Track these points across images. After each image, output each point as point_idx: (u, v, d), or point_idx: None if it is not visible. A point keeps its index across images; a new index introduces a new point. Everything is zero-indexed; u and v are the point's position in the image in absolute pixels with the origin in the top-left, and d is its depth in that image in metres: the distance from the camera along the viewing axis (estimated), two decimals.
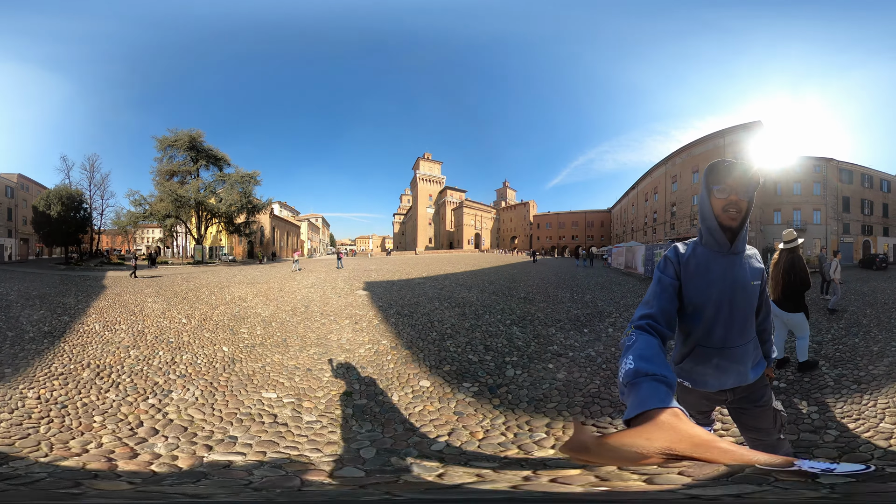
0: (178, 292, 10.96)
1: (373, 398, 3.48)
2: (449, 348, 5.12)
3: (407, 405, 3.33)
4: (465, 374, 4.14)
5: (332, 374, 4.12)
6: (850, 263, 32.17)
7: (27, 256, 41.37)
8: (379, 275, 17.85)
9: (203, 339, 5.62)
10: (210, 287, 12.47)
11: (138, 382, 3.83)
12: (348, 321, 6.85)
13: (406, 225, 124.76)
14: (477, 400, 3.43)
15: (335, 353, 4.89)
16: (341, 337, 5.76)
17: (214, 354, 4.85)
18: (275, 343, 5.44)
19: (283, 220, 63.44)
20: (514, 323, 6.76)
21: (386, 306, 8.44)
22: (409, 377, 4.04)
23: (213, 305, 8.51)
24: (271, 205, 46.67)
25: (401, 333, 5.95)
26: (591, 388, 3.65)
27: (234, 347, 5.20)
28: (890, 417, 2.94)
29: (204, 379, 3.98)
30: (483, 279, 15.75)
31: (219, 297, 9.96)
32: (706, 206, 1.44)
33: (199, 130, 36.99)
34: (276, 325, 6.61)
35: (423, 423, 2.99)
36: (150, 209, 34.64)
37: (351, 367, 4.36)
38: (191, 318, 7.07)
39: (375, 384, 3.84)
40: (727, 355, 1.44)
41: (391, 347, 5.18)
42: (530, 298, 10.05)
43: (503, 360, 4.57)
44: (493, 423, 2.97)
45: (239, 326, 6.46)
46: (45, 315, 7.34)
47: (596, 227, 79.78)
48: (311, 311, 7.87)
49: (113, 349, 4.97)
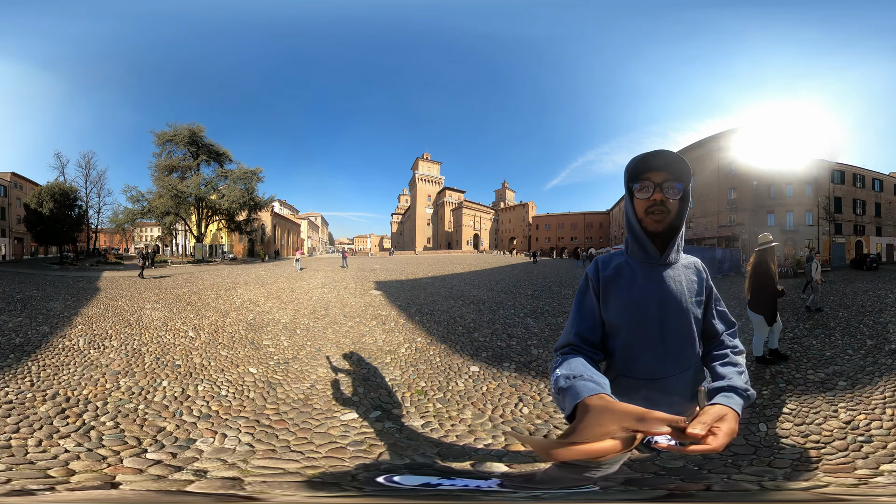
0: (180, 296, 10.18)
1: (443, 389, 3.77)
2: (479, 339, 5.73)
3: (474, 388, 3.81)
4: (501, 357, 4.84)
5: (392, 377, 4.12)
6: (842, 264, 32.84)
7: (22, 256, 40.82)
8: (385, 274, 17.82)
9: (220, 358, 4.62)
10: (215, 289, 11.76)
11: (129, 428, 2.69)
12: (375, 322, 6.82)
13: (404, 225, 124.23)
14: (520, 374, 4.21)
15: (380, 356, 4.84)
16: (376, 339, 5.70)
17: (241, 380, 3.91)
18: (310, 355, 4.86)
19: (283, 219, 62.73)
20: (528, 315, 7.66)
21: (405, 305, 8.63)
22: (459, 366, 4.47)
23: (223, 312, 7.71)
24: (273, 202, 45.90)
25: (430, 330, 6.24)
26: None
27: (264, 367, 4.36)
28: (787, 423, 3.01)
29: (244, 418, 2.97)
30: (488, 279, 16.05)
31: (227, 300, 9.25)
32: (628, 208, 1.23)
33: (200, 125, 36.37)
34: (302, 332, 6.09)
35: (496, 398, 3.56)
36: (148, 206, 33.78)
37: (404, 366, 4.47)
38: (199, 330, 6.16)
39: (437, 377, 4.10)
40: (657, 387, 1.20)
41: (429, 343, 5.44)
42: (537, 295, 10.81)
43: (527, 344, 5.48)
44: (539, 389, 3.79)
45: (260, 338, 5.69)
46: (21, 323, 6.37)
47: (595, 228, 79.76)
48: (334, 314, 7.59)
49: (97, 376, 3.87)
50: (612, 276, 1.23)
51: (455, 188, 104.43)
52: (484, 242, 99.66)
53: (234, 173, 36.85)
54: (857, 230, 39.42)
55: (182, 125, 36.07)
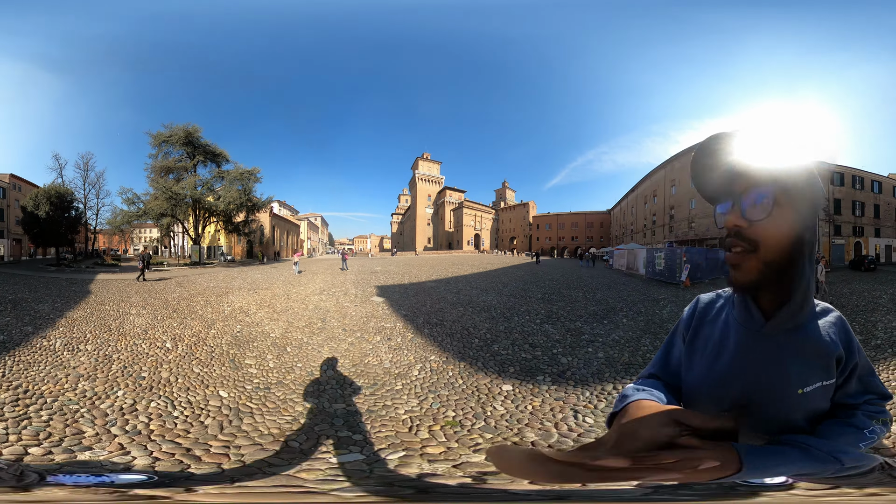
0: (168, 301, 9.77)
1: (481, 416, 3.25)
2: (500, 352, 5.22)
3: (517, 408, 3.42)
4: (531, 370, 4.48)
5: (409, 407, 3.42)
6: (841, 265, 32.70)
7: (20, 257, 41.04)
8: (387, 278, 17.15)
9: (190, 375, 4.21)
10: (206, 294, 11.24)
11: (55, 426, 2.85)
12: (379, 337, 6.06)
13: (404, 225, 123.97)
14: (560, 386, 3.94)
15: (389, 382, 4.09)
16: (382, 359, 4.92)
17: (205, 402, 3.44)
18: (299, 380, 4.12)
19: (282, 219, 62.38)
20: (544, 321, 7.37)
21: (411, 315, 7.91)
22: (488, 386, 3.95)
23: (209, 322, 7.17)
24: (271, 203, 45.54)
25: (444, 345, 5.58)
26: (623, 360, 4.91)
27: (238, 391, 3.77)
28: None
29: (175, 443, 2.62)
30: (494, 281, 15.56)
31: (216, 308, 8.73)
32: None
33: (196, 125, 35.89)
34: (294, 350, 5.37)
35: (550, 415, 3.28)
36: (144, 208, 33.41)
37: (421, 393, 3.79)
38: (178, 341, 5.72)
39: (467, 402, 3.54)
40: None
41: (445, 362, 4.78)
42: (548, 299, 10.48)
43: (552, 353, 5.18)
44: (587, 397, 3.66)
45: (243, 355, 5.06)
46: (8, 323, 6.58)
47: (595, 228, 79.52)
48: (331, 327, 6.80)
49: (61, 375, 4.03)
50: (703, 330, 0.89)
51: (455, 188, 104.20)
52: (485, 242, 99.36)
53: (230, 174, 36.30)
54: (856, 231, 39.75)
55: (178, 126, 35.58)
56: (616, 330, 6.67)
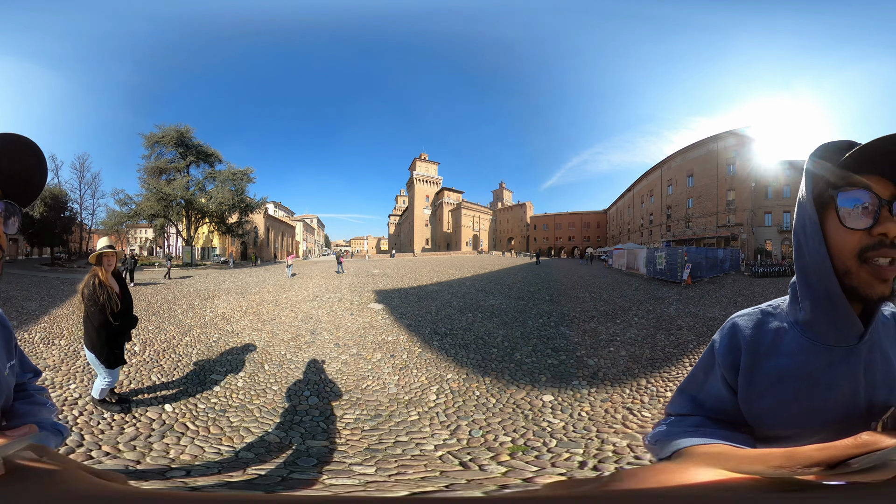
0: (150, 303, 9.35)
1: (541, 434, 2.94)
2: (524, 360, 4.96)
3: (573, 417, 3.27)
4: (563, 375, 4.37)
5: (443, 444, 2.73)
6: None
7: (16, 257, 40.63)
8: (385, 281, 16.41)
9: (146, 382, 3.89)
10: (190, 298, 10.72)
11: None
12: (381, 354, 5.21)
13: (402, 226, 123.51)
14: (598, 388, 3.91)
15: (398, 412, 3.35)
16: (385, 383, 4.07)
17: (140, 415, 3.11)
18: (268, 406, 3.40)
19: (277, 221, 61.73)
20: (559, 323, 7.25)
21: (416, 325, 7.06)
22: (528, 400, 3.63)
23: (186, 328, 6.64)
24: (265, 204, 45.00)
25: (459, 359, 4.94)
26: (646, 356, 5.12)
27: (187, 408, 3.29)
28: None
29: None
30: (498, 283, 15.18)
31: (197, 313, 8.22)
32: (815, 240, 0.65)
33: (188, 126, 35.36)
34: (272, 368, 4.54)
35: (607, 419, 3.21)
36: (136, 209, 32.97)
37: (453, 423, 3.12)
38: (147, 344, 5.34)
39: (512, 422, 3.11)
40: None
41: (465, 379, 4.18)
42: (556, 300, 10.48)
43: (577, 355, 5.12)
44: (631, 394, 3.75)
45: (210, 370, 4.45)
46: None
47: (592, 228, 79.43)
48: (322, 341, 5.93)
49: None
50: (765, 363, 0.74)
51: (453, 188, 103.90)
52: (483, 243, 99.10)
53: (222, 174, 35.64)
54: None
55: (170, 126, 35.04)
56: (630, 328, 6.80)
